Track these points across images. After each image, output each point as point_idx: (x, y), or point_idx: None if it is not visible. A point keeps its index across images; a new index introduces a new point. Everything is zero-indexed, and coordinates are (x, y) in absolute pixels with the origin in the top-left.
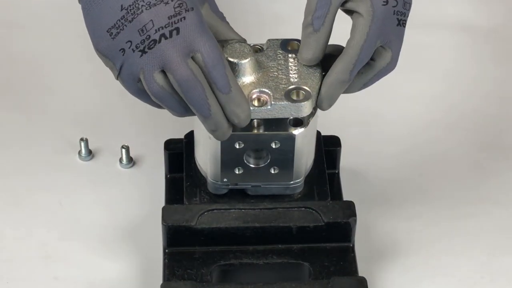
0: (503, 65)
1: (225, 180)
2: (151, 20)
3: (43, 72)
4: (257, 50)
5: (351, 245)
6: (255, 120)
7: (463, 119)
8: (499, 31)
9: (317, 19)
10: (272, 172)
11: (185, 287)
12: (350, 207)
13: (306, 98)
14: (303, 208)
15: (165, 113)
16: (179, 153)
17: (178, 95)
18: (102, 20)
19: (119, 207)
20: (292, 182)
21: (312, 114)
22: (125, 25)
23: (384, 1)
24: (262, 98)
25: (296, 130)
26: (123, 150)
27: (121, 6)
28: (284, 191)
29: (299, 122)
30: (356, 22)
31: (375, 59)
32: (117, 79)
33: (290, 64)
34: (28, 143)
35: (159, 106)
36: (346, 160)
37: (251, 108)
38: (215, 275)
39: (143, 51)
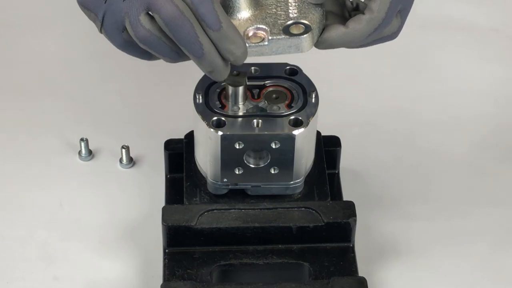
0: (503, 65)
1: (225, 180)
2: None
3: (43, 72)
4: None
5: (351, 245)
6: (255, 120)
7: (463, 119)
8: (499, 31)
9: None
10: (272, 172)
11: (185, 287)
12: (350, 207)
13: (305, 32)
14: (303, 208)
15: (165, 113)
16: (179, 153)
17: (168, 37)
18: None
19: (119, 207)
20: (292, 182)
21: (312, 114)
22: None
23: None
24: (258, 34)
25: (296, 130)
26: (123, 150)
27: None
28: (284, 191)
29: (299, 122)
30: None
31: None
32: (100, 31)
33: (290, 0)
34: (28, 143)
35: (149, 57)
36: (346, 160)
37: (247, 45)
38: (215, 275)
39: None
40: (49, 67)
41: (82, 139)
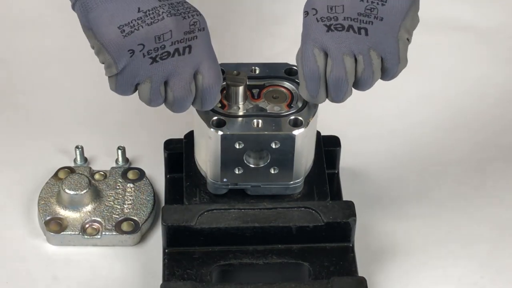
0: (503, 65)
1: (225, 180)
2: (171, 30)
3: (42, 71)
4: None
5: (351, 245)
6: (255, 120)
7: (463, 119)
8: (499, 31)
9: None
10: (272, 172)
11: (185, 287)
12: (349, 207)
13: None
14: (302, 208)
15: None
16: (179, 153)
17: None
18: (114, 15)
19: None
20: (292, 182)
21: (312, 114)
22: (142, 26)
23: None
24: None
25: (296, 130)
26: (119, 151)
27: (138, 8)
28: (284, 191)
29: (299, 122)
30: None
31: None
32: (110, 76)
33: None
34: (25, 143)
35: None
36: (346, 160)
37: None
38: (215, 275)
39: (154, 59)
40: (48, 67)
41: (77, 147)
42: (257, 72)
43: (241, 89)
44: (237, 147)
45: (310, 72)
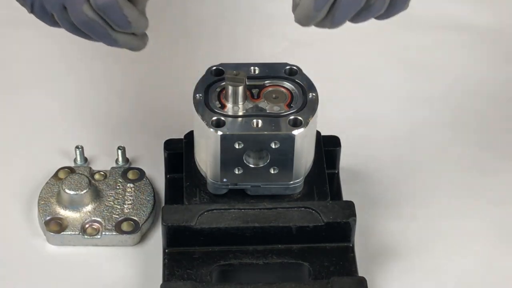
0: (503, 65)
1: (224, 180)
2: None
3: (41, 71)
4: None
5: (351, 245)
6: (254, 120)
7: (463, 119)
8: (500, 31)
9: None
10: (272, 172)
11: (185, 287)
12: (349, 207)
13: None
14: (302, 208)
15: (164, 113)
16: (178, 153)
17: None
18: None
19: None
20: (291, 182)
21: (312, 113)
22: None
23: None
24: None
25: (296, 130)
26: (119, 151)
27: None
28: (284, 191)
29: (298, 122)
30: None
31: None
32: (30, 13)
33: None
34: (23, 142)
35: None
36: (346, 160)
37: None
38: (215, 275)
39: None
40: (48, 67)
41: (77, 147)
42: (257, 72)
43: (240, 89)
44: (237, 147)
45: None
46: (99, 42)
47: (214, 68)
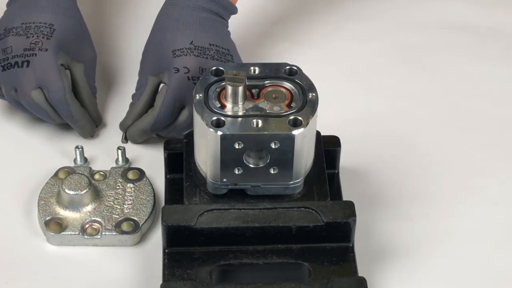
0: (503, 65)
1: (224, 180)
2: (11, 46)
3: None
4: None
5: (351, 245)
6: (254, 120)
7: (463, 119)
8: (500, 31)
9: (135, 96)
10: (272, 172)
11: (185, 287)
12: (349, 207)
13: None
14: (302, 208)
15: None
16: (178, 153)
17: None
18: None
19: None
20: (291, 182)
21: (312, 113)
22: None
23: (175, 70)
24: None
25: (296, 130)
26: (119, 151)
27: (5, 27)
28: (284, 191)
29: (298, 122)
30: (160, 90)
31: (177, 118)
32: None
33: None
34: (24, 142)
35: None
36: (346, 160)
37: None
38: (214, 275)
39: (4, 68)
40: None
41: (77, 147)
42: (257, 72)
43: (240, 89)
44: (237, 147)
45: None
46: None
47: (214, 68)
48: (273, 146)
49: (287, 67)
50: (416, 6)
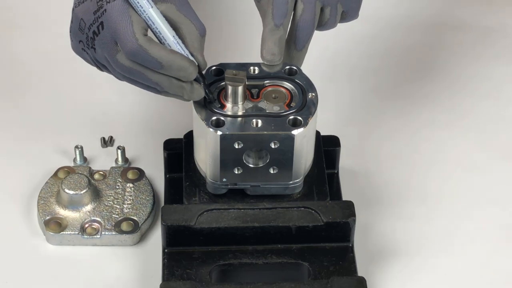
0: (503, 65)
1: (224, 180)
2: (82, 18)
3: (40, 71)
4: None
5: (350, 245)
6: (254, 120)
7: (463, 118)
8: (499, 31)
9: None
10: (271, 172)
11: (185, 287)
12: (349, 207)
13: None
14: (302, 208)
15: (164, 113)
16: (178, 153)
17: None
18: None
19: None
20: (291, 182)
21: (312, 113)
22: (72, 27)
23: None
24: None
25: (295, 130)
26: (119, 151)
27: (72, 9)
28: (284, 191)
29: (298, 122)
30: None
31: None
32: (102, 70)
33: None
34: (24, 142)
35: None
36: (346, 160)
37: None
38: (214, 275)
39: (93, 47)
40: (48, 67)
41: (77, 147)
42: (257, 72)
43: (240, 88)
44: (236, 147)
45: (279, 9)
46: (148, 90)
47: (214, 68)
48: (273, 146)
49: (287, 67)
50: (416, 6)
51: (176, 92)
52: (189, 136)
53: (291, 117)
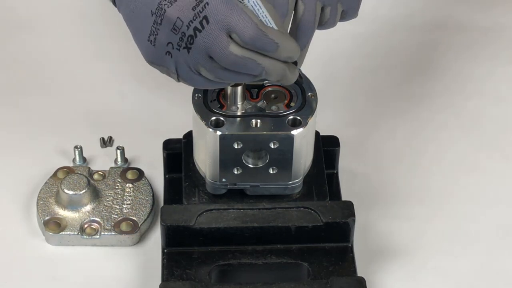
0: (503, 65)
1: (223, 180)
2: (178, 17)
3: (40, 71)
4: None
5: (350, 245)
6: (253, 120)
7: (463, 118)
8: (499, 31)
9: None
10: (271, 172)
11: (184, 287)
12: (348, 207)
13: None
14: (302, 208)
15: (164, 113)
16: (178, 153)
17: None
18: (141, 31)
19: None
20: (290, 182)
21: (311, 113)
22: (158, 29)
23: None
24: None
25: (295, 130)
26: (118, 151)
27: (151, 11)
28: (283, 191)
29: (297, 122)
30: None
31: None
32: (178, 81)
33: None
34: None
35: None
36: (345, 160)
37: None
38: (214, 275)
39: (188, 48)
40: (47, 66)
41: (76, 147)
42: None
43: (239, 89)
44: (236, 147)
45: (280, 9)
46: (244, 80)
47: None
48: (272, 146)
49: None
50: (416, 6)
51: (281, 74)
52: (189, 136)
53: (291, 117)
